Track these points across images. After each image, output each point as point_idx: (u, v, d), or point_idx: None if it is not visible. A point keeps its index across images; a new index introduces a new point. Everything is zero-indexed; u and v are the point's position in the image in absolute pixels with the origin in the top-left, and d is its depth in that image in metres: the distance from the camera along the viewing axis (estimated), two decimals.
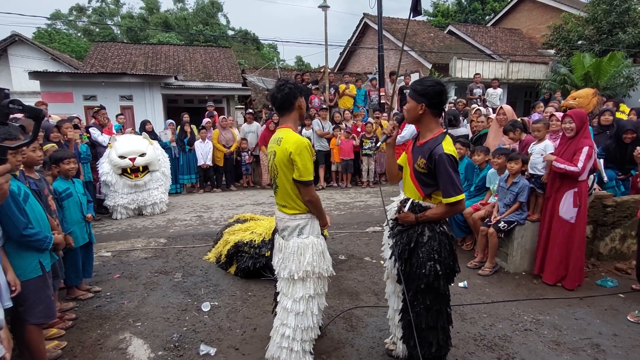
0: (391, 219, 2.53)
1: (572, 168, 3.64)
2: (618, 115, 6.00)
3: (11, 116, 1.53)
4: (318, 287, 2.52)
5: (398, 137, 2.87)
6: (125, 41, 27.89)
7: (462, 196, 2.23)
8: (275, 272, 2.61)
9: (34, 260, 2.41)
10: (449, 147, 2.22)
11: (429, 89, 2.26)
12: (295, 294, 2.46)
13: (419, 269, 2.28)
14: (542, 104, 7.59)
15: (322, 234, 2.59)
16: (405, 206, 2.37)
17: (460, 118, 7.09)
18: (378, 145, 2.59)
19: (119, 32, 36.26)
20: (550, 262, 3.92)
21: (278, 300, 2.61)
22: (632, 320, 3.30)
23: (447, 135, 2.31)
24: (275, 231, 2.71)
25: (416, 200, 2.35)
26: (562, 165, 3.68)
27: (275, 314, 2.63)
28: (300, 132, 8.49)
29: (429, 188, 2.31)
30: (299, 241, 2.45)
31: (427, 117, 2.32)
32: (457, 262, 2.38)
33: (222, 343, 2.96)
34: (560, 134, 4.14)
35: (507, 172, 4.24)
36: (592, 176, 4.05)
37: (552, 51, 16.70)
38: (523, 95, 18.09)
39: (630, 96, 13.10)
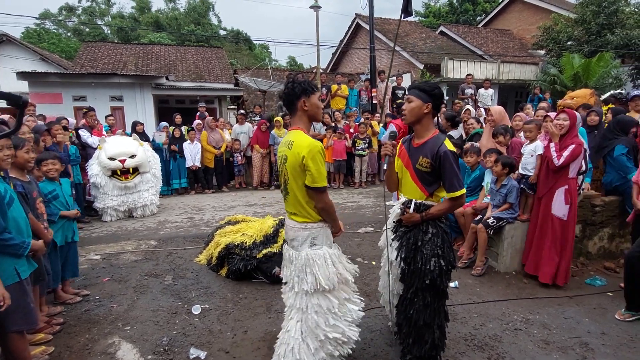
0: (394, 221, 2.55)
1: (554, 159, 3.73)
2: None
3: None
4: (341, 293, 2.40)
5: (380, 136, 3.04)
6: (115, 41, 27.66)
7: (464, 190, 2.38)
8: (288, 286, 2.48)
9: (9, 266, 2.33)
10: (450, 145, 2.37)
11: (436, 90, 2.39)
12: (319, 308, 2.32)
13: (424, 265, 2.36)
14: (529, 106, 7.67)
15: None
16: (409, 207, 2.42)
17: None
18: (384, 168, 2.58)
19: (109, 32, 35.94)
20: (545, 261, 3.92)
21: (290, 316, 2.45)
22: (619, 318, 3.34)
23: (446, 135, 2.44)
24: (267, 239, 2.66)
25: (419, 200, 2.43)
26: (553, 150, 3.78)
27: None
28: None
29: (432, 186, 2.42)
30: (312, 253, 2.31)
31: (427, 118, 2.43)
32: (455, 258, 2.48)
33: (213, 346, 2.93)
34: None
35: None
36: (580, 177, 4.08)
37: (542, 52, 16.87)
38: (514, 96, 18.25)
39: None
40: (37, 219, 2.90)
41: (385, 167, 2.56)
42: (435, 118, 2.52)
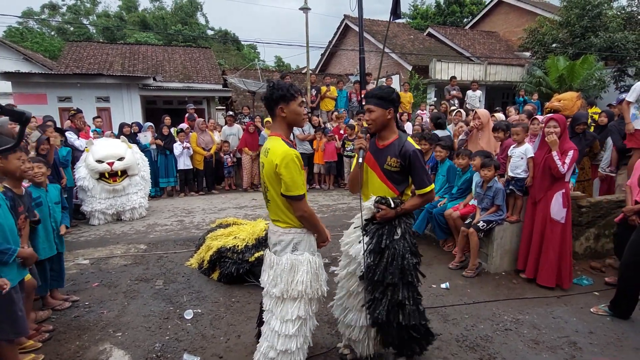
0: (366, 220, 2.52)
1: (560, 168, 3.73)
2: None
3: None
4: (309, 308, 2.36)
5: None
6: (101, 41, 27.20)
7: (433, 186, 2.49)
8: (264, 290, 2.44)
9: None
10: (415, 143, 2.46)
11: (393, 95, 2.45)
12: (285, 314, 2.29)
13: (396, 260, 2.38)
14: (512, 109, 7.83)
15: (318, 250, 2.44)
16: (384, 204, 2.42)
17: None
18: (361, 162, 2.50)
19: (94, 31, 35.38)
20: (547, 265, 3.93)
21: (265, 319, 2.43)
22: (593, 311, 3.50)
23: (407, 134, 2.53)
24: (259, 242, 2.61)
25: (392, 197, 2.46)
26: (556, 158, 3.74)
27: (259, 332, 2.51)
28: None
29: (401, 185, 2.49)
30: (292, 257, 2.28)
31: (391, 121, 2.49)
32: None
33: (206, 351, 2.92)
34: (538, 136, 4.24)
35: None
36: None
37: (528, 54, 17.15)
38: (500, 97, 18.50)
39: (602, 98, 13.56)
40: None
41: (360, 161, 2.47)
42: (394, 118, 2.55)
